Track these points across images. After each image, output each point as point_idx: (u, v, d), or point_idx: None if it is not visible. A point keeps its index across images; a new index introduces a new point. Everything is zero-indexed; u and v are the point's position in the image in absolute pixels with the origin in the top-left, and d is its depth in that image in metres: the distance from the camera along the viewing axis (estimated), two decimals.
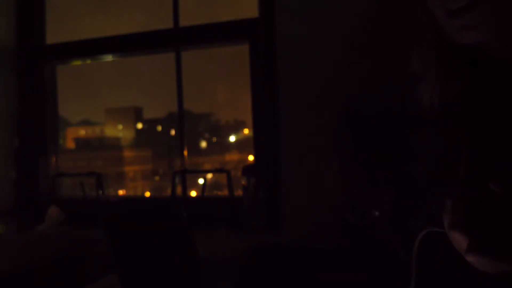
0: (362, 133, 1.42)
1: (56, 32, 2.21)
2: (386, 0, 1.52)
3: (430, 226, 0.62)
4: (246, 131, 2.40)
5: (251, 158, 1.99)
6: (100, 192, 2.07)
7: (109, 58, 2.21)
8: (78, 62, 2.28)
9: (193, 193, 2.11)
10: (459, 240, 0.53)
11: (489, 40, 0.56)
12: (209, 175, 2.09)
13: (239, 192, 1.91)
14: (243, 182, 1.82)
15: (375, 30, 1.54)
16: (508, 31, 0.55)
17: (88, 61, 2.27)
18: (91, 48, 2.15)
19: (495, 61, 0.60)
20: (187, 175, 2.04)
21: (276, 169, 1.72)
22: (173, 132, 2.42)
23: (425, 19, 0.63)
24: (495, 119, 0.59)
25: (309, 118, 1.65)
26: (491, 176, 0.50)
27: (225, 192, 1.96)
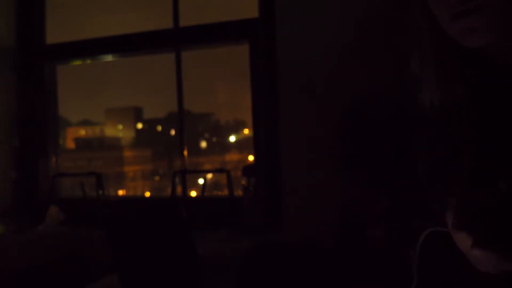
0: (362, 133, 1.42)
1: (56, 32, 2.21)
2: (386, 3, 1.52)
3: (433, 225, 0.62)
4: (246, 131, 2.40)
5: (251, 158, 1.99)
6: (100, 192, 2.07)
7: (109, 58, 2.21)
8: (78, 62, 2.28)
9: (193, 193, 2.11)
10: (464, 240, 0.53)
11: (494, 42, 0.56)
12: (209, 175, 2.09)
13: (239, 192, 1.91)
14: (243, 182, 1.82)
15: (375, 30, 1.54)
16: None
17: (88, 61, 2.27)
18: (91, 48, 2.15)
19: (500, 63, 0.60)
20: (187, 175, 2.04)
21: (276, 169, 1.72)
22: (173, 132, 2.42)
23: (425, 21, 0.63)
24: (500, 120, 0.59)
25: (309, 118, 1.65)
26: (498, 175, 0.50)
27: (225, 192, 1.96)
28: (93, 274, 1.57)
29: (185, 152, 2.03)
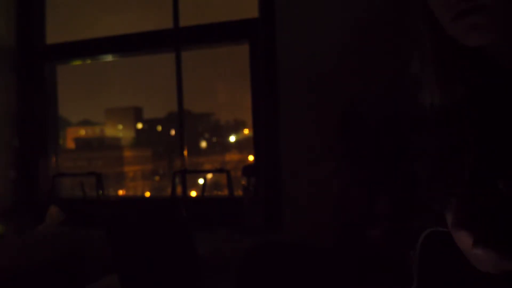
0: (362, 133, 1.42)
1: (56, 32, 2.21)
2: (386, 3, 1.52)
3: (433, 225, 0.62)
4: (246, 131, 2.40)
5: (251, 158, 1.99)
6: (100, 192, 2.07)
7: (109, 58, 2.21)
8: (78, 62, 2.28)
9: (193, 193, 2.11)
10: (464, 240, 0.53)
11: (495, 42, 0.56)
12: (209, 175, 2.09)
13: (239, 192, 1.91)
14: (243, 182, 1.82)
15: (375, 30, 1.54)
16: None
17: (88, 61, 2.27)
18: (91, 48, 2.15)
19: (500, 63, 0.60)
20: (187, 175, 2.04)
21: (276, 169, 1.72)
22: (173, 132, 2.42)
23: (425, 21, 0.63)
24: (500, 120, 0.59)
25: (309, 118, 1.65)
26: (498, 175, 0.50)
27: (225, 192, 1.96)
28: (93, 274, 1.57)
29: (185, 152, 2.03)
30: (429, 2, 0.61)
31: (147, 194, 3.22)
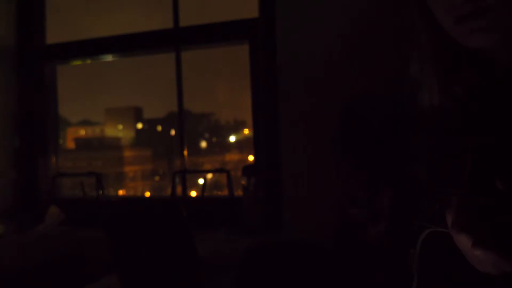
0: (362, 133, 1.42)
1: (56, 32, 2.21)
2: (386, 3, 1.52)
3: (433, 225, 0.62)
4: (246, 131, 2.40)
5: (251, 158, 1.99)
6: (100, 192, 2.07)
7: (109, 58, 2.21)
8: (78, 62, 2.28)
9: (193, 193, 2.11)
10: (464, 240, 0.53)
11: (496, 44, 0.56)
12: (209, 175, 2.09)
13: (239, 192, 1.91)
14: (243, 182, 1.82)
15: (375, 30, 1.54)
16: None
17: (88, 61, 2.27)
18: (91, 48, 2.15)
19: (500, 63, 0.60)
20: (187, 175, 2.04)
21: (276, 169, 1.72)
22: (173, 132, 2.42)
23: (425, 22, 0.63)
24: (500, 120, 0.59)
25: (309, 118, 1.65)
26: (496, 175, 0.50)
27: (225, 192, 1.96)
28: (93, 274, 1.57)
29: (185, 152, 2.03)
30: (429, 3, 0.61)
31: (147, 194, 3.22)
